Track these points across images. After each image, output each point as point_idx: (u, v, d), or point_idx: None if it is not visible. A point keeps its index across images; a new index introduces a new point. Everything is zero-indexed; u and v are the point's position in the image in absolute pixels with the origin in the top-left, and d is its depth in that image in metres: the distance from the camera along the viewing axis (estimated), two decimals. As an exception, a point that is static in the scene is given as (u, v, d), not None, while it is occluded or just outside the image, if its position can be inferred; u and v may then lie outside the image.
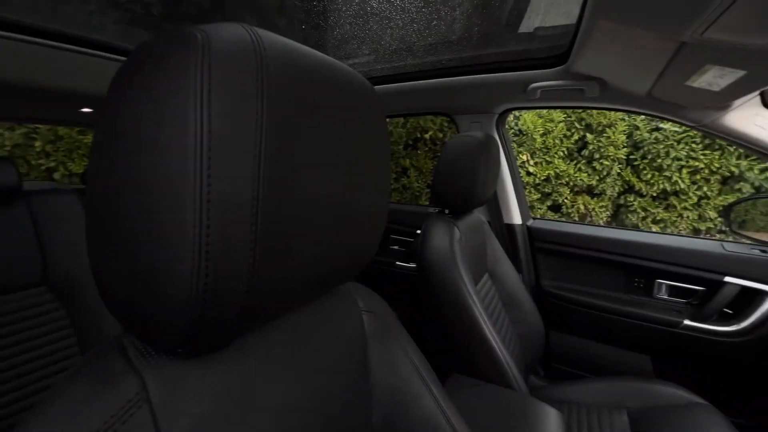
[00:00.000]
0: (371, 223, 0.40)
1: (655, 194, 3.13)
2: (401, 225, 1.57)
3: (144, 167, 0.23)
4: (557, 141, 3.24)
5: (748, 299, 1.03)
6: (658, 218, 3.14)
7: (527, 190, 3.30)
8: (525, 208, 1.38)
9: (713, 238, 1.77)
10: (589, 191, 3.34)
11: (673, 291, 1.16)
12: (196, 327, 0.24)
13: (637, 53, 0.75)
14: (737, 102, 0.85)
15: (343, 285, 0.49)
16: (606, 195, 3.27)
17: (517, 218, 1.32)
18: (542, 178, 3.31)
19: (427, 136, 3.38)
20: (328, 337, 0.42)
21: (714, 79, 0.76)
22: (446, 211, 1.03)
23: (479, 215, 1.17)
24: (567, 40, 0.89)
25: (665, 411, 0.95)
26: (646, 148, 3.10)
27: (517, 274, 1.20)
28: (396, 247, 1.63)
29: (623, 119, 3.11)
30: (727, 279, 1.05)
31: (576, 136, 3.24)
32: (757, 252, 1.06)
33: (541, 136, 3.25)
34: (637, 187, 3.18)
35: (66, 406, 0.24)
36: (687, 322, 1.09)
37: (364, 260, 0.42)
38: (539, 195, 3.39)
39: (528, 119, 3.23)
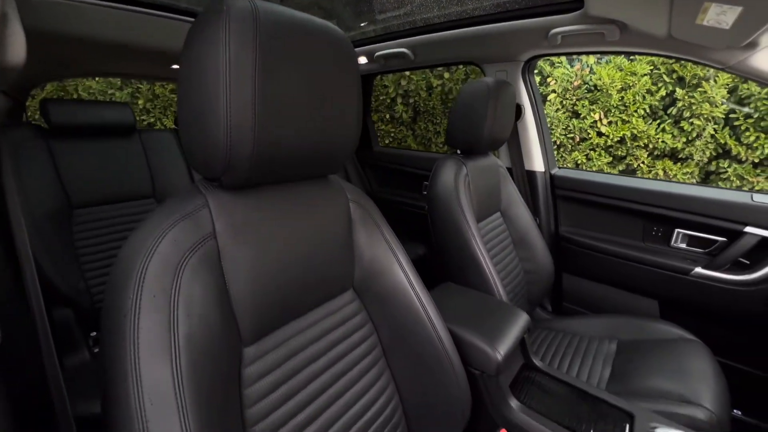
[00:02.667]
0: (344, 131, 0.59)
1: (757, 160, 2.71)
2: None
3: (201, 87, 0.45)
4: (638, 97, 2.93)
5: (766, 251, 1.00)
6: (756, 188, 2.74)
7: (596, 153, 3.09)
8: (550, 157, 1.42)
9: None
10: (673, 155, 2.99)
11: (691, 241, 1.16)
12: (227, 165, 0.47)
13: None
14: (763, 41, 0.83)
15: (336, 181, 0.70)
16: (693, 160, 2.91)
17: (538, 166, 1.38)
18: (616, 139, 3.06)
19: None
20: (324, 213, 0.64)
21: (718, 16, 0.77)
22: (458, 152, 1.17)
23: (496, 159, 1.27)
24: (583, -17, 0.92)
25: (654, 343, 1.02)
26: (753, 105, 2.66)
27: (533, 219, 1.30)
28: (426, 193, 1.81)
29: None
30: (748, 229, 1.02)
31: (663, 92, 2.89)
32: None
33: (619, 92, 2.97)
34: (734, 152, 2.77)
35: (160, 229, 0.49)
36: (699, 269, 1.10)
37: (339, 159, 0.61)
38: (610, 158, 3.15)
39: (604, 73, 2.96)
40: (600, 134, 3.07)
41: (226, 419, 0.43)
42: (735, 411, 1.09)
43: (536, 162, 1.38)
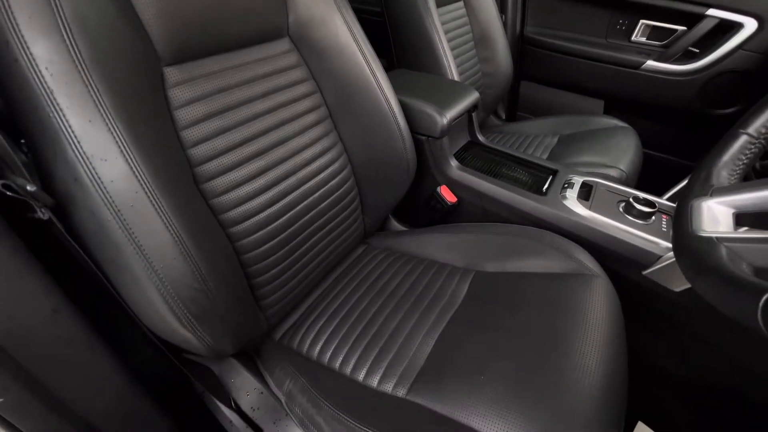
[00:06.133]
0: None
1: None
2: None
3: None
4: None
5: (720, 34, 1.01)
6: None
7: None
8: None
9: None
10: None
11: (651, 33, 1.14)
12: None
13: None
14: None
15: None
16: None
17: (514, -56, 1.20)
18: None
19: None
20: None
21: None
22: None
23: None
24: None
25: (591, 132, 1.10)
26: None
27: (498, 14, 1.19)
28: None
29: None
30: (710, 12, 1.00)
31: None
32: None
33: None
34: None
35: None
36: (650, 62, 1.11)
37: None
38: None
39: None
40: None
41: (155, 127, 0.41)
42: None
43: (511, -58, 1.18)
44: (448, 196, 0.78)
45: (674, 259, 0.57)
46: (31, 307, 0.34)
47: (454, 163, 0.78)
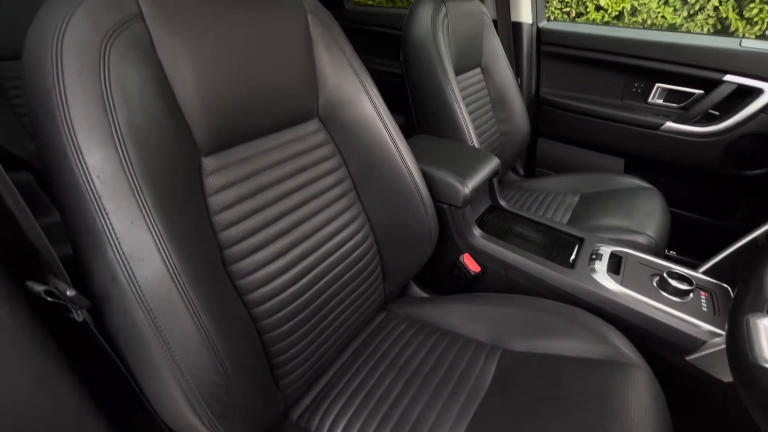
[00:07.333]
0: None
1: (751, 36, 2.59)
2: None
3: None
4: (647, -41, 2.61)
5: (739, 99, 1.01)
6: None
7: (590, 28, 2.86)
8: (540, 6, 1.29)
9: None
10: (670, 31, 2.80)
11: (668, 96, 1.15)
12: None
13: None
14: None
15: None
16: (688, 36, 2.74)
17: (526, 16, 1.26)
18: (614, 14, 2.81)
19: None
20: (276, 21, 0.55)
21: None
22: (438, -10, 1.03)
23: (480, 5, 1.14)
24: None
25: (613, 192, 1.09)
26: (766, -32, 2.42)
27: (514, 77, 1.23)
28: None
29: None
30: (727, 77, 1.01)
31: (675, -48, 2.57)
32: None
33: (628, -49, 2.62)
34: (733, 27, 2.62)
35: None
36: (669, 123, 1.11)
37: None
38: (604, 35, 2.93)
39: (615, -75, 2.56)
40: (599, 8, 2.81)
41: (191, 218, 0.43)
42: (670, 252, 1.23)
43: (524, 11, 1.25)
44: (471, 265, 0.76)
45: (722, 346, 0.53)
46: (56, 412, 0.33)
47: (477, 231, 0.78)
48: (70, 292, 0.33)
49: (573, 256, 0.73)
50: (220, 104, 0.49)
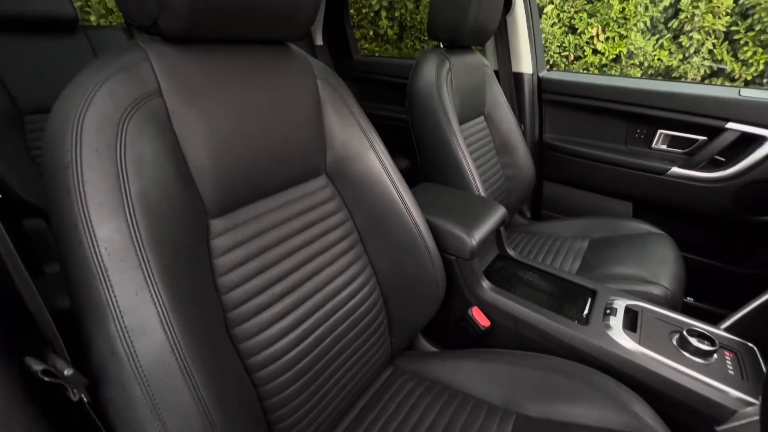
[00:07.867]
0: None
1: (749, 77, 2.65)
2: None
3: None
4: (640, 9, 2.74)
5: (744, 146, 1.02)
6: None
7: (590, 72, 2.97)
8: (540, 57, 1.34)
9: None
10: (667, 74, 2.90)
11: (672, 142, 1.16)
12: (160, 2, 0.41)
13: None
14: None
15: (302, 55, 0.63)
16: (686, 79, 2.83)
17: (526, 67, 1.31)
18: (611, 57, 2.91)
19: None
20: (287, 86, 0.58)
21: None
22: (441, 45, 1.08)
23: (482, 58, 1.20)
24: None
25: (622, 238, 1.07)
26: (756, 16, 2.52)
27: (517, 124, 1.26)
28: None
29: (735, -24, 2.50)
30: (729, 125, 1.02)
31: (667, 1, 2.71)
32: (774, 96, 0.99)
33: (621, 2, 2.76)
34: (728, 69, 2.69)
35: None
36: (675, 169, 1.11)
37: (298, 21, 0.54)
38: (603, 77, 3.03)
39: (606, -21, 2.72)
40: (596, 52, 2.93)
41: (196, 284, 0.43)
42: (688, 298, 1.19)
43: (524, 63, 1.30)
44: (480, 319, 0.74)
45: (755, 417, 0.49)
46: None
47: (485, 283, 0.76)
48: (68, 372, 0.32)
49: (586, 311, 0.71)
50: (231, 167, 0.50)
